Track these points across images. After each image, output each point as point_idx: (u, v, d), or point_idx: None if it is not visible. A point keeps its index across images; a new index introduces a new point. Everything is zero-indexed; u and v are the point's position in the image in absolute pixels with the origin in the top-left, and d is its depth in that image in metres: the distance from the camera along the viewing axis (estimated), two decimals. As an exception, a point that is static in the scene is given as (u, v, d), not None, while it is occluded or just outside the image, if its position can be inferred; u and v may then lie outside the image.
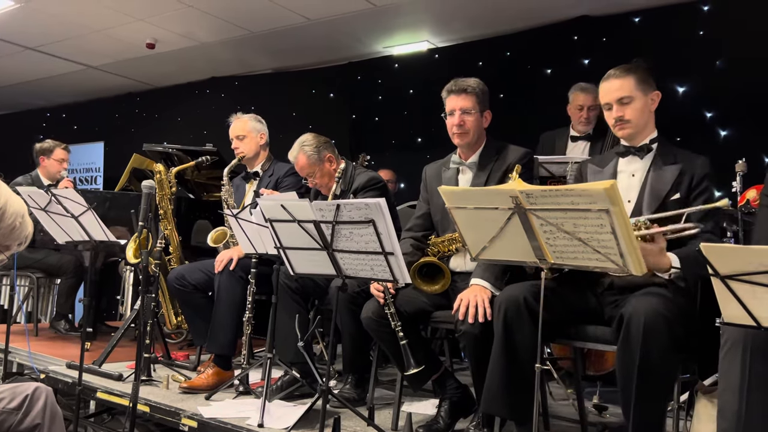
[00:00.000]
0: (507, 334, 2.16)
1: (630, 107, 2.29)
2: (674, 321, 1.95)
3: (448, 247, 2.68)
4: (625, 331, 1.97)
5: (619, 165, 2.39)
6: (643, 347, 1.92)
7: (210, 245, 3.55)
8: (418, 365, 2.42)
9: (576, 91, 4.00)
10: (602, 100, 2.36)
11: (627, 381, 1.98)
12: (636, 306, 1.98)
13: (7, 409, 1.70)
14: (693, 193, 2.24)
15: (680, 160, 2.29)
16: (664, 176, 2.27)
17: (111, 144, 7.86)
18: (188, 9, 5.24)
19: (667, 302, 2.00)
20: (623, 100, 2.29)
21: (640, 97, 2.30)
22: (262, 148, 3.64)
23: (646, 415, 1.98)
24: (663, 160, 2.30)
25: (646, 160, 2.33)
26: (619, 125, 2.32)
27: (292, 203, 2.31)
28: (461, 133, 2.64)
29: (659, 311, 1.94)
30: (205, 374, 3.14)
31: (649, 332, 1.92)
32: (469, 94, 2.63)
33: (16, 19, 5.60)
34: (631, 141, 2.36)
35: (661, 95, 2.35)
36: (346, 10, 5.14)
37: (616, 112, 2.30)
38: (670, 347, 1.94)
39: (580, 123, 3.97)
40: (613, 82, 2.31)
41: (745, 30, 4.24)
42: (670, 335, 1.93)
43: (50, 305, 4.89)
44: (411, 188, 5.47)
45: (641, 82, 2.30)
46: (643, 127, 2.33)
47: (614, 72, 2.33)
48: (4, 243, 1.62)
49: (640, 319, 1.93)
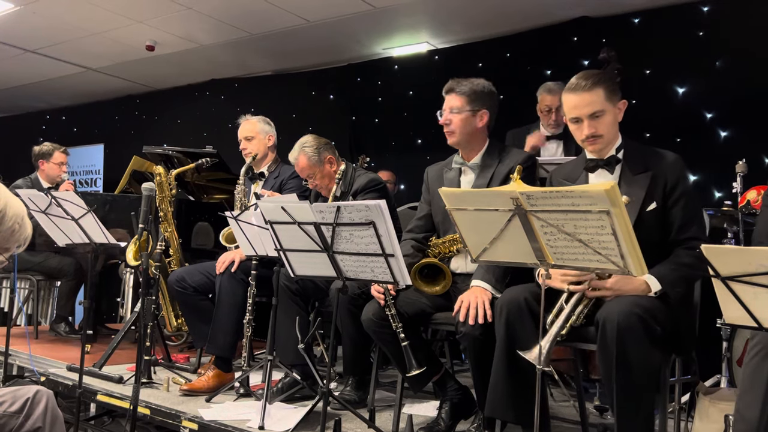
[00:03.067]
0: (509, 336, 2.16)
1: (602, 122, 2.20)
2: (651, 320, 1.94)
3: (449, 248, 2.68)
4: (601, 334, 1.98)
5: (590, 180, 2.32)
6: (619, 346, 1.92)
7: (222, 244, 3.54)
8: (419, 366, 2.42)
9: (543, 92, 3.91)
10: (570, 113, 2.24)
11: (608, 383, 1.99)
12: (610, 307, 1.99)
13: (8, 413, 1.69)
14: (669, 200, 2.18)
15: (650, 164, 2.21)
16: (635, 188, 2.19)
17: (111, 146, 7.87)
18: (188, 11, 5.24)
19: (643, 302, 1.99)
20: (595, 114, 2.19)
21: (610, 109, 2.21)
22: (270, 150, 3.65)
23: (631, 417, 1.97)
24: (632, 169, 2.23)
25: (616, 173, 2.26)
26: (591, 140, 2.22)
27: (292, 205, 2.31)
28: (448, 132, 2.65)
29: (633, 311, 1.94)
30: (206, 376, 3.14)
31: (624, 333, 1.92)
32: (458, 93, 2.63)
33: (15, 22, 5.60)
34: (599, 153, 2.28)
35: (627, 104, 2.27)
36: (346, 12, 5.14)
37: (588, 129, 2.20)
38: (646, 343, 1.93)
39: (550, 126, 3.90)
40: (584, 96, 2.19)
41: (744, 30, 4.24)
42: (646, 333, 1.93)
43: (50, 308, 4.89)
44: (411, 189, 5.48)
45: (610, 93, 2.20)
46: (612, 138, 2.26)
47: (583, 83, 2.20)
48: (3, 245, 1.63)
49: (614, 321, 1.94)
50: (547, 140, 3.94)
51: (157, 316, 3.53)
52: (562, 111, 2.33)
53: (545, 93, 3.91)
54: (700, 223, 2.24)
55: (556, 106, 3.83)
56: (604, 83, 2.20)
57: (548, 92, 3.89)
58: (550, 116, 3.89)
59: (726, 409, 2.30)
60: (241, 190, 3.47)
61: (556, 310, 2.07)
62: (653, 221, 2.17)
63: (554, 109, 3.86)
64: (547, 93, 3.90)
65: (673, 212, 2.17)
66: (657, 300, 2.06)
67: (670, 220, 2.18)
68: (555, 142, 3.94)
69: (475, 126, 2.64)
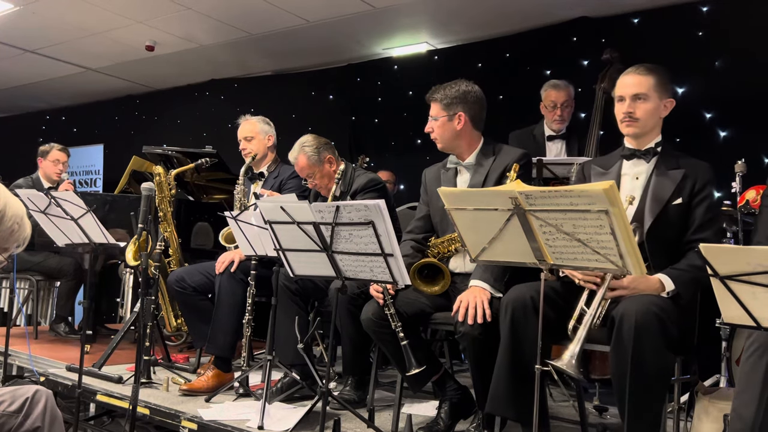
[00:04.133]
0: (514, 335, 2.16)
1: (642, 105, 2.28)
2: (667, 320, 1.95)
3: (448, 247, 2.68)
4: (617, 331, 1.98)
5: (624, 167, 2.38)
6: (636, 346, 1.92)
7: (222, 244, 3.54)
8: (419, 365, 2.42)
9: (548, 89, 3.94)
10: (617, 91, 2.34)
11: (621, 381, 1.98)
12: (628, 306, 1.99)
13: (7, 412, 1.70)
14: (695, 199, 2.24)
15: (683, 165, 2.29)
16: (666, 180, 2.27)
17: (110, 146, 7.87)
18: (187, 11, 5.24)
19: (659, 302, 2.00)
20: (638, 96, 2.28)
21: (655, 98, 2.29)
22: (269, 150, 3.65)
23: (641, 416, 1.97)
24: (666, 164, 2.30)
25: (651, 164, 2.33)
26: (627, 121, 2.30)
27: (291, 205, 2.31)
28: (433, 140, 2.71)
29: (651, 310, 1.94)
30: (205, 376, 3.14)
31: (641, 331, 1.91)
32: (434, 101, 2.69)
33: (15, 22, 5.60)
34: (637, 143, 2.35)
35: (674, 103, 2.35)
36: (346, 12, 5.14)
37: (628, 107, 2.29)
38: (663, 346, 1.94)
39: (554, 122, 3.92)
40: (633, 77, 2.30)
41: (744, 30, 4.24)
42: (663, 334, 1.93)
43: (50, 308, 4.89)
44: (410, 190, 5.48)
45: (659, 85, 2.29)
46: (650, 129, 2.33)
47: (636, 68, 2.32)
48: (2, 245, 1.63)
49: (632, 319, 1.93)
50: (551, 140, 3.95)
51: (157, 316, 3.53)
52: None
53: (551, 89, 3.94)
54: (717, 229, 2.29)
55: (561, 101, 3.87)
56: (658, 74, 2.30)
57: (553, 88, 3.93)
58: (554, 112, 3.90)
59: (725, 409, 2.30)
60: (240, 190, 3.47)
61: (578, 314, 2.06)
62: (676, 216, 2.24)
63: (559, 104, 3.88)
64: (552, 89, 3.93)
65: (696, 212, 2.24)
66: (670, 300, 2.07)
67: (690, 219, 2.24)
68: (558, 141, 3.94)
69: (454, 129, 2.66)
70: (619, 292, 2.08)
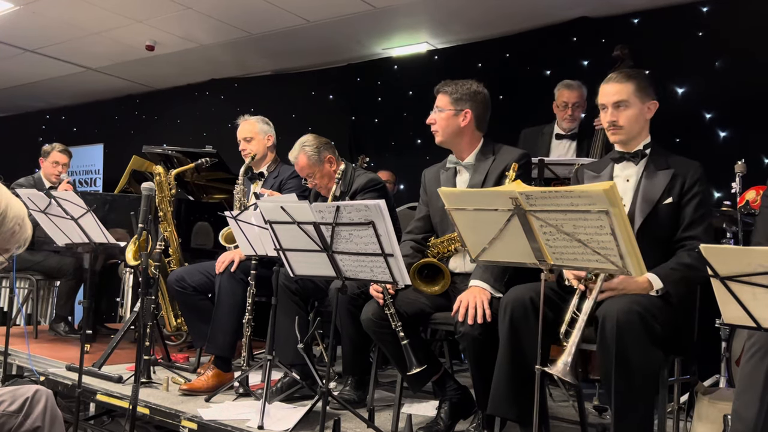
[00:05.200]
0: (513, 336, 2.16)
1: (624, 113, 2.30)
2: (650, 318, 1.96)
3: (447, 247, 2.68)
4: (600, 331, 1.99)
5: (615, 170, 2.41)
6: (619, 346, 1.93)
7: (222, 244, 3.54)
8: (419, 364, 2.42)
9: (561, 88, 3.97)
10: (599, 100, 2.37)
11: (607, 379, 1.99)
12: (610, 305, 2.01)
13: (7, 412, 1.70)
14: (685, 197, 2.26)
15: (673, 165, 2.31)
16: (656, 181, 2.29)
17: (110, 146, 7.87)
18: (187, 11, 5.24)
19: (643, 300, 2.01)
20: (619, 104, 2.30)
21: (637, 104, 2.30)
22: (269, 150, 3.65)
23: (627, 416, 1.97)
24: (655, 165, 2.32)
25: (640, 166, 2.35)
26: (612, 130, 2.34)
27: (291, 205, 2.31)
28: (433, 131, 2.71)
29: (633, 309, 1.95)
30: (205, 376, 3.14)
31: (623, 330, 1.93)
32: (443, 93, 2.69)
33: (15, 22, 5.60)
34: (626, 147, 2.38)
35: (658, 105, 2.36)
36: (346, 12, 5.14)
37: (610, 116, 2.31)
38: (647, 344, 1.95)
39: (565, 120, 3.94)
40: (613, 85, 2.32)
41: (744, 30, 4.24)
42: (646, 330, 1.94)
43: (50, 307, 4.89)
44: (410, 190, 5.48)
45: (640, 90, 2.31)
46: (636, 134, 2.35)
47: (616, 75, 2.35)
48: (3, 246, 1.63)
49: (613, 318, 1.95)
50: (559, 138, 3.97)
51: (157, 316, 3.53)
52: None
53: (564, 88, 3.96)
54: (707, 226, 2.28)
55: (573, 101, 3.90)
56: (637, 80, 2.32)
57: (566, 87, 3.95)
58: (566, 111, 3.93)
59: (725, 409, 2.31)
60: (240, 190, 3.47)
61: (569, 319, 2.04)
62: (667, 216, 2.25)
63: (571, 104, 3.91)
64: (565, 88, 3.96)
65: (686, 210, 2.25)
66: (657, 299, 2.08)
67: (681, 217, 2.26)
68: (566, 141, 3.95)
69: (458, 125, 2.66)
70: (609, 294, 2.09)
